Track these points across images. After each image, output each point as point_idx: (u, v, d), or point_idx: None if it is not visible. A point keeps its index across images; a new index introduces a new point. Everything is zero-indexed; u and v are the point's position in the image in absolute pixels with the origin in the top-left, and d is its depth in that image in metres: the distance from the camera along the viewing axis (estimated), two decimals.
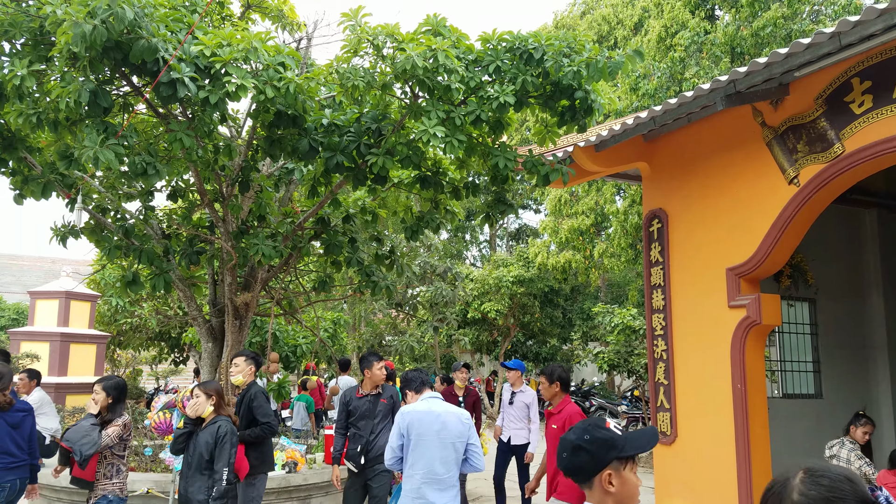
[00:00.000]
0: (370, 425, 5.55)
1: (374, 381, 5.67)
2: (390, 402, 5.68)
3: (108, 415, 4.71)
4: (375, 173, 5.60)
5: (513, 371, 7.26)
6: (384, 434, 5.46)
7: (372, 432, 5.53)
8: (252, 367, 5.60)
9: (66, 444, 4.38)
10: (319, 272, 8.53)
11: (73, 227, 6.89)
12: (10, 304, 19.81)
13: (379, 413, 5.60)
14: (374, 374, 5.63)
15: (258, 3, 6.32)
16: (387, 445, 4.17)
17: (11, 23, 4.54)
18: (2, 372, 4.96)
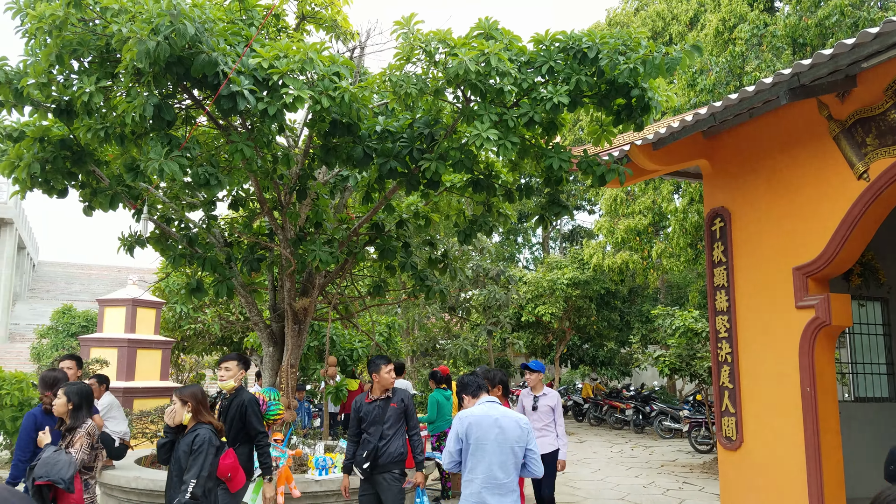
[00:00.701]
0: (379, 431, 5.25)
1: (383, 384, 5.41)
2: (401, 406, 5.39)
3: (70, 422, 4.50)
4: (428, 178, 5.63)
5: (534, 373, 6.76)
6: (395, 440, 5.25)
7: (382, 438, 5.23)
8: (243, 371, 5.34)
9: (44, 481, 4.14)
10: (374, 277, 8.62)
11: (140, 237, 7.18)
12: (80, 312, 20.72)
13: (389, 418, 5.31)
14: (383, 377, 5.38)
15: (313, 15, 6.45)
16: (444, 450, 4.16)
17: (80, 42, 4.75)
18: (57, 378, 5.10)
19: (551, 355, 18.47)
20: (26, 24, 4.89)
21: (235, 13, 5.54)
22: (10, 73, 5.14)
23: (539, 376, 6.73)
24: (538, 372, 6.70)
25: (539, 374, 6.71)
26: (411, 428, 5.39)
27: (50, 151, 5.76)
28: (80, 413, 4.50)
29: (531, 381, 6.79)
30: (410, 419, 5.39)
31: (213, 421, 4.29)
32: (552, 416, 6.71)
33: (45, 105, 5.45)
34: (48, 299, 31.69)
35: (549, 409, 6.72)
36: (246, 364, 5.38)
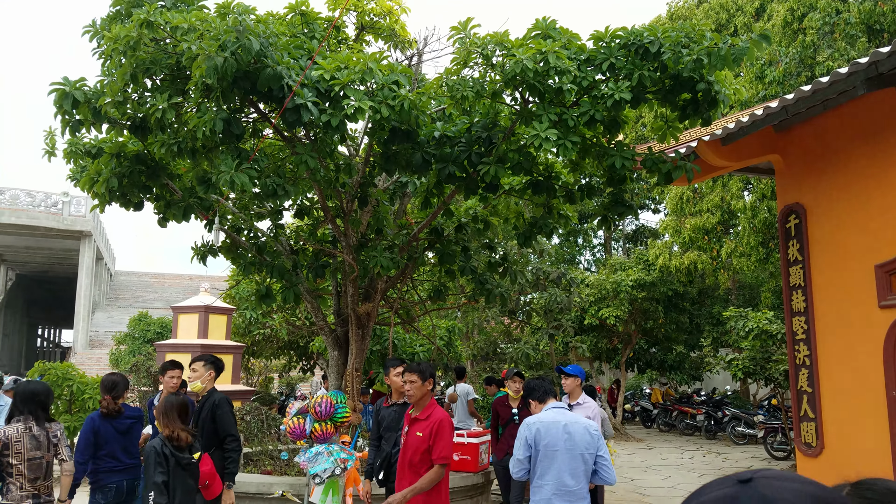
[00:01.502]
0: (394, 438, 4.99)
1: (395, 388, 5.13)
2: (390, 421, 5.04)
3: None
4: (487, 181, 5.61)
5: (571, 378, 6.01)
6: None
7: (396, 445, 4.92)
8: (212, 373, 5.13)
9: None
10: (434, 281, 8.66)
11: (212, 246, 7.46)
12: (155, 319, 21.65)
13: (400, 426, 4.98)
14: (392, 381, 5.12)
15: (371, 25, 6.55)
16: (512, 457, 4.12)
17: (152, 61, 4.97)
18: (116, 381, 5.25)
19: (617, 359, 18.06)
20: (102, 46, 5.16)
21: (297, 27, 5.69)
22: (89, 92, 5.42)
23: (576, 381, 6.04)
24: (574, 377, 6.03)
25: (575, 378, 6.02)
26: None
27: (126, 166, 6.05)
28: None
29: (567, 386, 6.10)
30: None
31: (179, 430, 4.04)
32: None
33: (121, 122, 5.73)
34: (125, 307, 33.33)
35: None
36: (215, 365, 5.17)
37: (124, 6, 5.37)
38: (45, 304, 44.22)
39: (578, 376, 6.00)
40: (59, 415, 9.54)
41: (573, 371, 6.05)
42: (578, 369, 6.12)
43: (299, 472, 7.20)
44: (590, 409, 5.91)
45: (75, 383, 9.82)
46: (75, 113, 5.43)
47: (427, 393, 4.21)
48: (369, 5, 6.38)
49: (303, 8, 5.89)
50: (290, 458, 7.72)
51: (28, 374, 10.15)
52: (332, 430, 6.47)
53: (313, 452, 6.33)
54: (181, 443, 3.99)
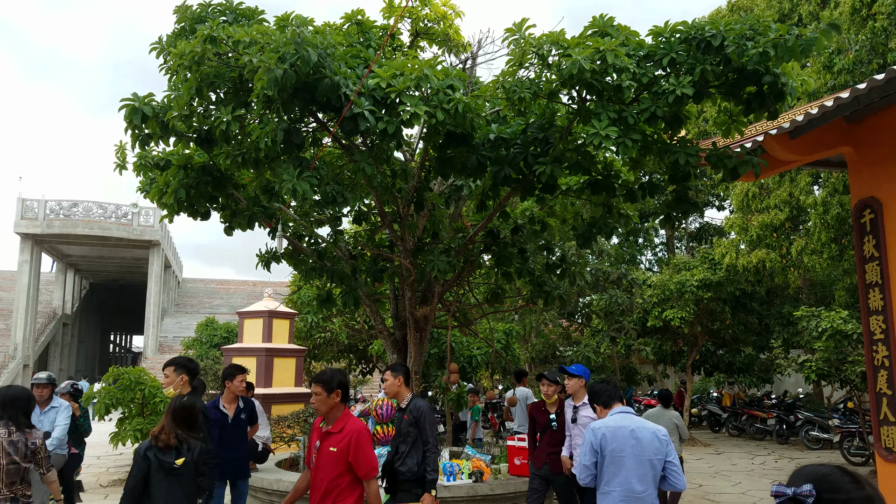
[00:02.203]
0: (395, 445, 4.78)
1: (388, 393, 4.87)
2: (411, 419, 4.72)
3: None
4: (543, 182, 5.55)
5: (574, 379, 5.56)
6: (411, 457, 4.64)
7: (396, 453, 4.72)
8: (184, 377, 5.00)
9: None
10: (491, 284, 8.63)
11: (276, 253, 7.66)
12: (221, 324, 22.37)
13: (401, 431, 4.73)
14: (385, 385, 4.87)
15: (426, 31, 6.60)
16: (579, 463, 4.04)
17: (216, 74, 5.14)
18: (195, 387, 5.37)
19: (682, 362, 17.54)
20: (169, 62, 5.37)
21: (354, 36, 5.78)
22: (157, 107, 5.64)
23: (579, 382, 5.57)
24: (578, 377, 5.58)
25: (579, 379, 5.58)
26: (424, 443, 4.70)
27: (193, 177, 6.28)
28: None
29: (570, 386, 5.63)
30: (422, 432, 4.68)
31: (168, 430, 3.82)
32: None
33: (188, 135, 5.95)
34: (192, 313, 34.62)
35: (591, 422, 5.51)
36: (187, 369, 5.04)
37: (188, 23, 5.57)
38: (117, 311, 46.41)
39: (582, 377, 5.58)
40: (132, 418, 9.94)
41: (577, 371, 5.64)
42: (582, 369, 5.68)
43: None
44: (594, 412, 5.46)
45: (147, 387, 10.23)
46: (144, 127, 5.67)
47: (336, 405, 3.77)
48: (424, 11, 6.42)
49: (358, 17, 5.99)
50: None
51: (102, 379, 10.64)
52: (393, 433, 6.54)
53: (376, 455, 6.42)
54: (159, 443, 3.73)
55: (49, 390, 6.16)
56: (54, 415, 6.09)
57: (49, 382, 6.16)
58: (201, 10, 5.60)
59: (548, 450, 5.72)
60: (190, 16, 5.56)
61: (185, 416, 3.86)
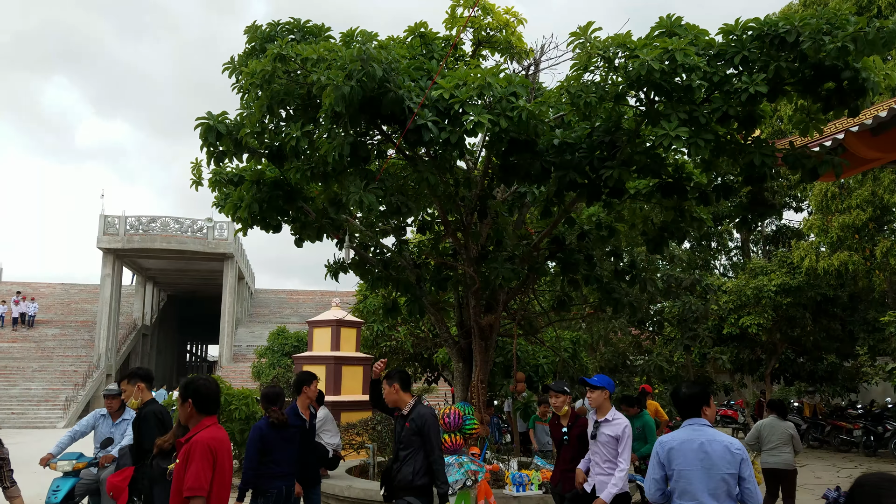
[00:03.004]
0: (396, 451, 4.64)
1: (389, 400, 4.73)
2: (413, 427, 4.52)
3: None
4: (611, 186, 5.45)
5: (597, 391, 5.02)
6: (409, 464, 4.49)
7: (396, 460, 4.59)
8: (139, 385, 5.05)
9: None
10: (557, 292, 8.52)
11: (343, 263, 7.82)
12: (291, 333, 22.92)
13: (404, 438, 4.56)
14: (386, 392, 4.73)
15: (488, 39, 6.62)
16: (646, 477, 3.91)
17: (286, 92, 5.30)
18: (278, 393, 5.53)
19: (761, 370, 16.80)
20: (241, 81, 5.58)
21: (417, 49, 5.85)
22: (230, 125, 5.87)
23: (602, 394, 5.02)
24: (601, 389, 5.03)
25: (602, 391, 5.02)
26: (428, 453, 4.52)
27: (265, 192, 6.49)
28: None
29: (592, 399, 5.07)
30: (426, 442, 4.51)
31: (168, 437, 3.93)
32: (616, 449, 4.88)
33: (260, 151, 6.16)
34: (264, 323, 35.70)
35: (611, 441, 4.92)
36: (140, 377, 5.11)
37: (258, 42, 5.78)
38: (193, 322, 48.39)
39: (606, 388, 5.03)
40: None
41: (599, 382, 5.08)
42: (606, 380, 5.13)
43: None
44: (619, 426, 4.93)
45: (223, 395, 10.61)
46: (219, 144, 5.90)
47: (192, 414, 3.51)
48: (486, 20, 6.44)
49: (421, 30, 6.07)
50: None
51: None
52: (461, 442, 6.52)
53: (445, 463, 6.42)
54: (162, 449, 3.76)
55: (119, 401, 6.11)
56: (125, 427, 6.02)
57: (119, 394, 6.08)
58: (270, 30, 5.80)
59: (562, 466, 5.33)
60: (260, 35, 5.76)
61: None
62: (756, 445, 7.50)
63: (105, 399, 6.08)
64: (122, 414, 6.08)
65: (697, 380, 18.19)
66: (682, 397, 3.91)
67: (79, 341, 30.26)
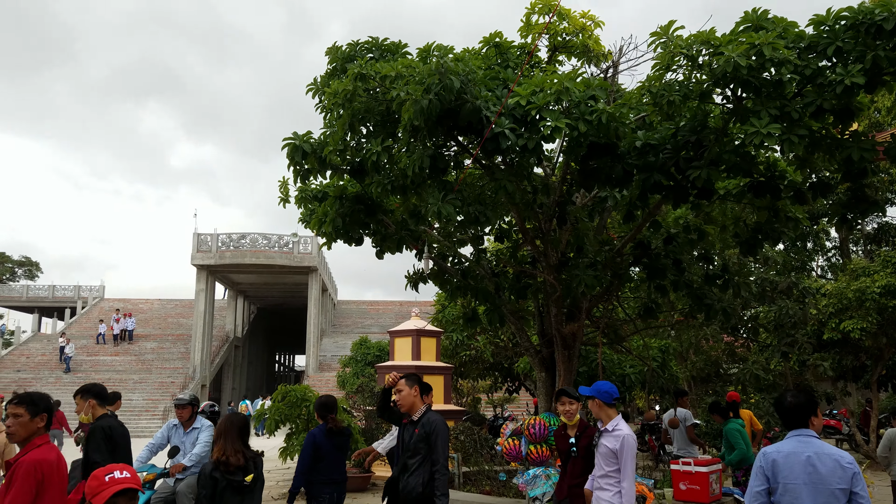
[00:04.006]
0: (403, 460, 4.34)
1: (402, 404, 4.44)
2: (422, 433, 4.25)
3: None
4: (699, 187, 5.26)
5: (595, 400, 4.49)
6: (417, 475, 4.22)
7: (403, 469, 4.31)
8: (91, 401, 5.01)
9: None
10: (643, 298, 8.28)
11: (423, 274, 7.91)
12: (373, 343, 23.37)
13: (411, 446, 4.30)
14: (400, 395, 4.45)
15: (564, 45, 6.57)
16: (748, 490, 3.72)
17: (366, 109, 5.45)
18: (334, 402, 5.64)
19: (866, 378, 15.67)
20: (323, 101, 5.78)
21: (492, 59, 5.88)
22: (314, 144, 6.08)
23: (594, 403, 4.52)
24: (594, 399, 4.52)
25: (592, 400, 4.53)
26: (434, 462, 4.25)
27: (348, 207, 6.68)
28: None
29: (596, 410, 4.55)
30: (433, 451, 4.25)
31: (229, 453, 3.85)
32: (616, 462, 4.39)
33: (342, 168, 6.35)
34: (347, 333, 36.61)
35: (610, 453, 4.43)
36: (91, 393, 5.07)
37: (339, 63, 5.97)
38: (280, 333, 50.26)
39: (596, 396, 4.48)
40: (298, 433, 10.63)
41: (591, 392, 4.57)
42: (609, 387, 4.58)
43: (517, 493, 7.25)
44: (617, 437, 4.40)
45: (311, 403, 10.91)
46: (304, 163, 6.12)
47: (38, 430, 3.24)
48: (562, 25, 6.39)
49: (496, 40, 6.09)
50: (507, 479, 7.81)
51: (272, 397, 11.46)
52: (547, 453, 6.43)
53: (531, 475, 6.34)
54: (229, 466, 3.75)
55: (189, 411, 6.03)
56: (196, 435, 5.96)
57: (190, 403, 6.06)
58: (350, 50, 5.98)
59: (569, 481, 4.84)
60: (340, 56, 5.95)
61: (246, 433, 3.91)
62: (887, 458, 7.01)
63: (175, 409, 6.04)
64: (193, 423, 6.03)
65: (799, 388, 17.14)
66: (787, 406, 3.67)
67: (175, 354, 32.05)
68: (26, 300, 41.91)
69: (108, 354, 31.30)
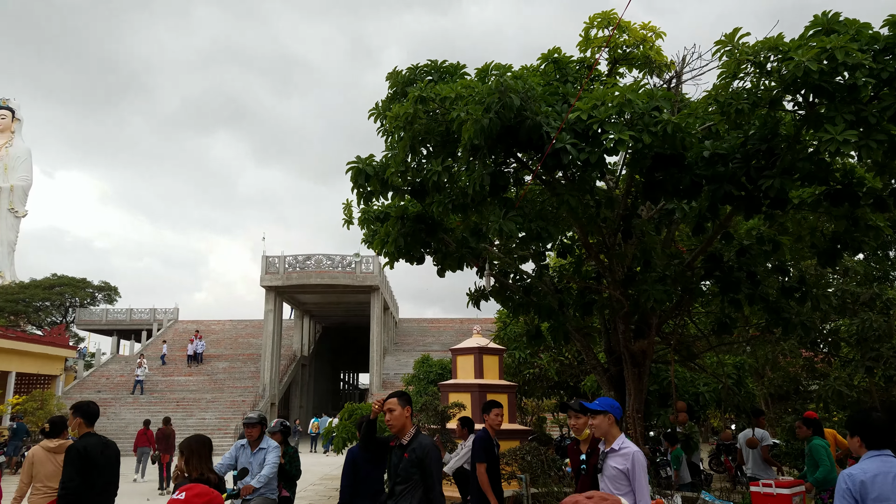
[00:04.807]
0: (391, 485, 4.12)
1: (392, 425, 4.18)
2: (413, 458, 4.02)
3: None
4: (772, 197, 5.07)
5: (599, 416, 4.11)
6: (406, 500, 3.98)
7: (391, 494, 4.07)
8: (79, 419, 5.02)
9: None
10: (716, 313, 7.99)
11: (484, 291, 7.90)
12: (435, 361, 23.37)
13: (401, 471, 4.05)
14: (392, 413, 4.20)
15: (625, 56, 6.49)
16: None
17: (427, 131, 5.52)
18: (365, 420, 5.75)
19: None
20: (385, 125, 5.89)
21: (550, 75, 5.86)
22: (377, 166, 6.20)
23: (606, 420, 4.11)
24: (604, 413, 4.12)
25: (605, 416, 4.11)
26: (429, 488, 3.99)
27: (409, 226, 6.76)
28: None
29: (596, 428, 4.21)
30: (427, 476, 3.99)
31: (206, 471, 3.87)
32: (628, 484, 3.95)
33: (403, 189, 6.43)
34: (408, 351, 36.84)
35: (620, 475, 3.99)
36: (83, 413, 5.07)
37: (399, 87, 6.09)
38: (344, 351, 51.05)
39: (610, 412, 4.08)
40: None
41: (601, 407, 4.16)
42: (609, 403, 4.16)
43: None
44: (626, 456, 3.97)
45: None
46: (367, 185, 6.24)
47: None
48: (622, 38, 6.32)
49: (555, 56, 6.08)
50: None
51: (339, 415, 11.61)
52: None
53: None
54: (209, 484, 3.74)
55: (258, 430, 5.96)
56: (263, 456, 5.91)
57: (259, 422, 6.00)
58: (410, 74, 6.09)
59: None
60: (401, 80, 6.07)
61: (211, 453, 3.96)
62: None
63: (245, 428, 5.97)
64: (260, 443, 5.97)
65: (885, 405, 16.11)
66: (874, 425, 3.50)
67: (246, 373, 33.01)
68: (105, 323, 44.11)
69: (182, 375, 32.55)
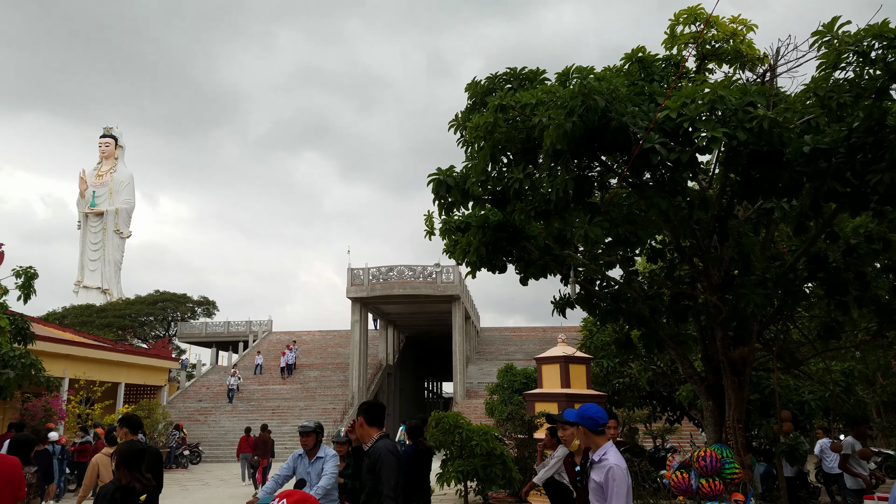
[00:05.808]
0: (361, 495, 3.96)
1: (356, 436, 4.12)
2: (368, 464, 3.89)
3: None
4: (881, 193, 4.70)
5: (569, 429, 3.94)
6: None
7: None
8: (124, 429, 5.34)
9: None
10: (822, 317, 7.47)
11: (570, 299, 7.73)
12: (518, 370, 23.12)
13: (364, 480, 3.91)
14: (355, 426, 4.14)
15: (714, 52, 6.21)
16: None
17: (507, 139, 5.47)
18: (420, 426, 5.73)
19: None
20: (465, 136, 5.89)
21: (635, 74, 5.69)
22: (457, 177, 6.20)
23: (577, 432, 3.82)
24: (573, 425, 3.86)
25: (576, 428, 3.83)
26: (376, 494, 3.79)
27: (490, 235, 6.72)
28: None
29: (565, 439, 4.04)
30: (378, 482, 3.79)
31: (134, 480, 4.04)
32: (602, 498, 3.64)
33: (483, 198, 6.40)
34: (491, 360, 36.71)
35: (598, 488, 3.68)
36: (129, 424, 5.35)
37: (478, 97, 6.08)
38: (427, 360, 51.51)
39: (581, 424, 3.73)
40: (453, 459, 10.72)
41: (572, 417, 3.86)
42: (592, 411, 3.77)
43: None
44: (603, 469, 3.62)
45: (464, 430, 10.98)
46: (448, 196, 6.26)
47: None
48: (710, 33, 6.06)
49: (639, 55, 5.90)
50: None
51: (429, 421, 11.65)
52: (721, 487, 5.95)
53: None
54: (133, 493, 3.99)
55: (314, 438, 5.77)
56: (321, 465, 5.71)
57: (315, 430, 5.80)
58: (489, 83, 6.07)
59: None
60: (480, 90, 6.06)
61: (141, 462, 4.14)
62: None
63: (301, 437, 5.77)
64: (317, 452, 5.79)
65: None
66: None
67: (335, 381, 33.94)
68: (205, 336, 46.55)
69: (276, 384, 33.90)
